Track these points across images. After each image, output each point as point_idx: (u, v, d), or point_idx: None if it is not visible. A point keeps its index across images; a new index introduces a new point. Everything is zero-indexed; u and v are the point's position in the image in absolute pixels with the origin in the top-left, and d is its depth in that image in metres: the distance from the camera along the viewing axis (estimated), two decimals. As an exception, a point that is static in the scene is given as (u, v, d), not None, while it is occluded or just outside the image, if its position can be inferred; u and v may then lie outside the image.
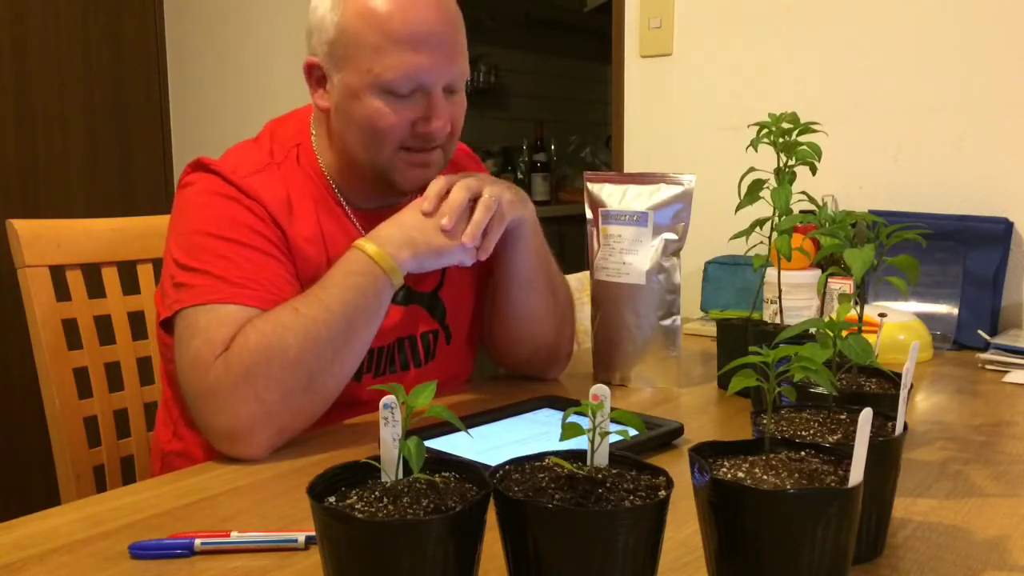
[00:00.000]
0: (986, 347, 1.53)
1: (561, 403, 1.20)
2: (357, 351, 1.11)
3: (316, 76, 1.20)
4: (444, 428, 1.06)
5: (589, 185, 1.42)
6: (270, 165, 1.20)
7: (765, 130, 1.20)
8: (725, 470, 0.67)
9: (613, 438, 0.65)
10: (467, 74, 1.20)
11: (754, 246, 1.24)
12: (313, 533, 0.71)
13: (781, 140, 1.19)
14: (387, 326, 1.23)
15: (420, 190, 1.19)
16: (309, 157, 1.24)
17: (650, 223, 1.34)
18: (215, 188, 1.16)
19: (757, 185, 1.20)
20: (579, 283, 1.97)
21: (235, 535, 0.81)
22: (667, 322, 1.34)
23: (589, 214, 1.42)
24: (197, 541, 0.80)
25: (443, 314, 1.32)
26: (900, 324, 1.47)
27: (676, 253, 1.35)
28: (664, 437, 1.07)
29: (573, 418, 0.64)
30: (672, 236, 1.34)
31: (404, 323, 1.27)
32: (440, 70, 1.14)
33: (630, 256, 1.35)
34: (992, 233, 1.68)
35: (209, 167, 1.18)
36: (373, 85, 1.13)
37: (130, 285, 1.46)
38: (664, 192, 1.35)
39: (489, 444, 1.06)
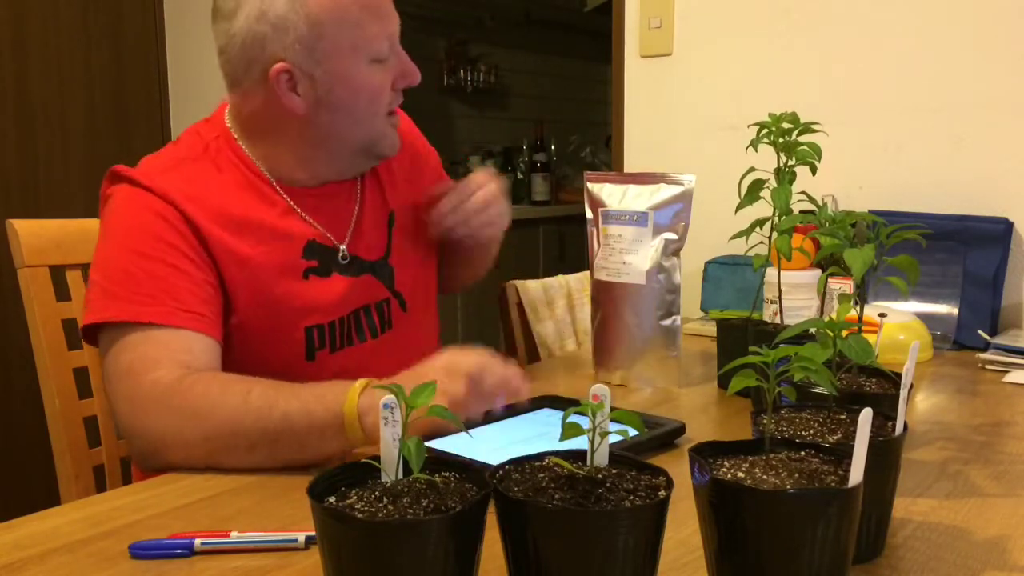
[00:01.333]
0: (986, 347, 1.54)
1: (561, 403, 1.20)
2: (276, 462, 1.02)
3: (285, 80, 1.16)
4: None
5: (589, 185, 1.42)
6: (185, 160, 1.21)
7: (765, 130, 1.20)
8: (725, 470, 0.67)
9: (613, 438, 0.65)
10: None
11: (754, 246, 1.24)
12: (313, 533, 0.71)
13: (781, 140, 1.19)
14: (339, 299, 1.24)
15: (394, 152, 1.28)
16: (232, 146, 1.23)
17: (650, 223, 1.34)
18: (128, 196, 1.16)
19: (757, 185, 1.20)
20: (579, 283, 1.97)
21: (235, 535, 0.81)
22: (667, 322, 1.34)
23: (589, 214, 1.42)
24: (197, 541, 0.80)
25: (391, 279, 1.32)
26: (900, 324, 1.47)
27: (676, 253, 1.34)
28: (665, 437, 1.08)
29: (573, 418, 0.64)
30: (672, 236, 1.34)
31: (357, 294, 1.27)
32: (397, 27, 1.22)
33: (630, 256, 1.34)
34: (992, 233, 1.68)
35: (121, 175, 1.18)
36: (362, 59, 1.18)
37: (130, 285, 1.45)
38: (664, 192, 1.35)
39: (489, 444, 1.06)
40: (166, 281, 1.11)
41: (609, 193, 1.39)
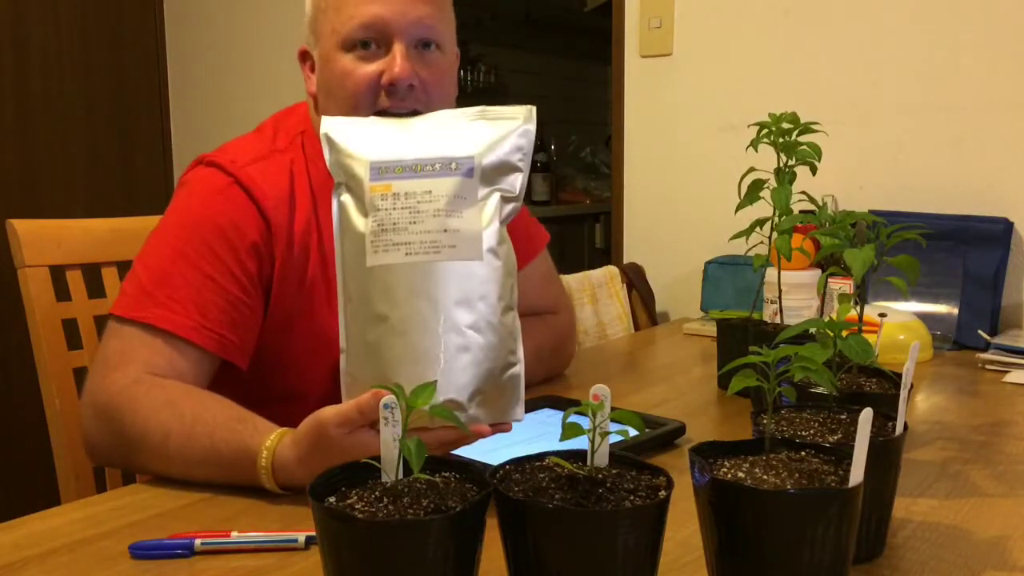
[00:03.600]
0: (986, 347, 1.54)
1: (561, 403, 1.20)
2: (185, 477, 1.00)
3: (308, 63, 1.23)
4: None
5: (329, 132, 0.93)
6: (273, 152, 1.19)
7: (765, 130, 1.20)
8: (725, 470, 0.67)
9: (613, 438, 0.65)
10: (441, 31, 1.16)
11: (754, 246, 1.24)
12: (313, 533, 0.71)
13: (781, 140, 1.19)
14: None
15: None
16: (313, 143, 1.20)
17: (477, 174, 0.90)
18: (210, 183, 1.14)
19: (757, 185, 1.20)
20: (579, 283, 1.97)
21: (235, 535, 0.81)
22: (508, 318, 0.90)
23: (340, 177, 0.91)
24: (197, 541, 0.80)
25: None
26: (900, 324, 1.47)
27: (509, 221, 0.92)
28: (665, 437, 1.08)
29: (573, 418, 0.64)
30: (508, 191, 0.92)
31: None
32: (400, 16, 1.11)
33: (455, 220, 0.88)
34: (992, 233, 1.68)
35: (207, 160, 1.17)
36: (337, 44, 1.14)
37: (130, 285, 1.45)
38: (489, 131, 0.93)
39: (489, 444, 1.05)
40: (199, 293, 1.08)
41: (374, 137, 0.92)
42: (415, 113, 1.09)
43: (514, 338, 0.90)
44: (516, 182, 0.92)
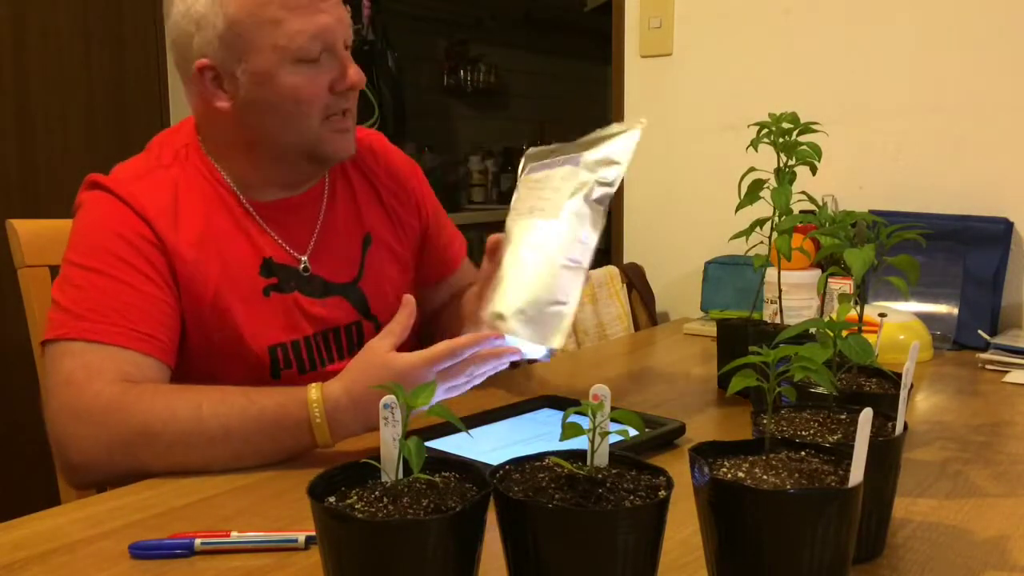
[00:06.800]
0: (986, 347, 1.54)
1: (561, 403, 1.20)
2: (232, 468, 1.02)
3: (210, 77, 1.16)
4: (445, 428, 1.06)
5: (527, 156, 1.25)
6: (156, 168, 1.19)
7: (765, 130, 1.20)
8: (725, 470, 0.67)
9: (613, 438, 0.65)
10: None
11: (754, 246, 1.24)
12: (313, 533, 0.71)
13: (781, 140, 1.19)
14: (303, 318, 1.21)
15: (344, 157, 1.23)
16: (200, 156, 1.21)
17: (582, 162, 1.16)
18: (96, 205, 1.16)
19: (757, 185, 1.20)
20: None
21: (235, 535, 0.81)
22: (570, 269, 1.09)
23: (519, 175, 1.24)
24: (197, 541, 0.80)
25: (365, 305, 1.28)
26: (900, 324, 1.47)
27: (604, 202, 1.13)
28: (665, 437, 1.08)
29: (573, 418, 0.65)
30: (603, 179, 1.14)
31: (324, 316, 1.24)
32: (339, 25, 1.16)
33: (549, 192, 1.15)
34: (992, 233, 1.68)
35: (94, 182, 1.18)
36: (285, 59, 1.12)
37: (130, 285, 1.45)
38: (603, 135, 1.19)
39: (489, 444, 1.06)
40: (118, 300, 1.09)
41: (544, 152, 1.23)
42: (350, 112, 1.21)
43: (566, 288, 1.08)
44: (611, 173, 1.14)
